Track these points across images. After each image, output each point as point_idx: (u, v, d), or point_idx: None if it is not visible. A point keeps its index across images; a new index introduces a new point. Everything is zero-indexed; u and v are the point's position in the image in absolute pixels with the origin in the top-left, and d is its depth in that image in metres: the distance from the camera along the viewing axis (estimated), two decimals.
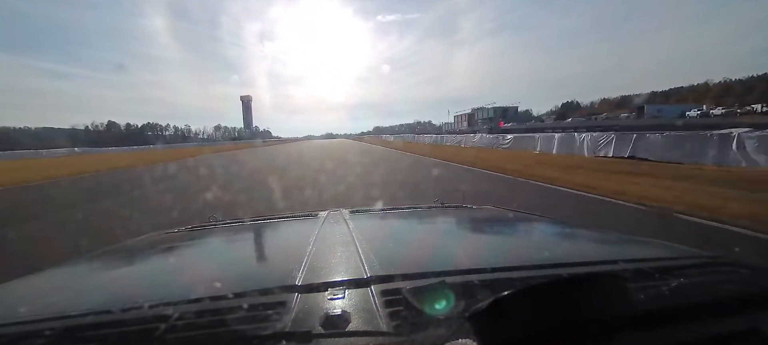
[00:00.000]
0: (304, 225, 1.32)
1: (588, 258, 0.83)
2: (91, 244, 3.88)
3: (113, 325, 0.53)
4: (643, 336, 0.42)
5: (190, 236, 1.27)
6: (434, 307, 0.48)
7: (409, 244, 1.11)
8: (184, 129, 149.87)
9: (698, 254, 0.77)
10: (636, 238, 1.01)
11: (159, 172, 14.06)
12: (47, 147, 53.72)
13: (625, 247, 0.98)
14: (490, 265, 0.69)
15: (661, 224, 4.26)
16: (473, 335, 0.40)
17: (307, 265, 0.71)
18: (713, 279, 0.65)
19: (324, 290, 0.59)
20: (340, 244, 0.89)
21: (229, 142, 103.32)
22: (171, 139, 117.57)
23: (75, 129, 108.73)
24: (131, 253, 1.15)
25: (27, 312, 0.66)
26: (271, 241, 1.26)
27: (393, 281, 0.60)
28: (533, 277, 0.65)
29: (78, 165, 19.60)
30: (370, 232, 1.16)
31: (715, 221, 4.08)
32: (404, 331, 0.45)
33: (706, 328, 0.44)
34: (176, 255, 1.07)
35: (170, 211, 6.15)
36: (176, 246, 1.16)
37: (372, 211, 1.58)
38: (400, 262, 0.77)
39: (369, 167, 13.13)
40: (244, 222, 1.46)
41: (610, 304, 0.42)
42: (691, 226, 4.07)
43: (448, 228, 1.32)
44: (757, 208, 4.33)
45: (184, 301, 0.58)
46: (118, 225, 5.15)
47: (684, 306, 0.47)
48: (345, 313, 0.51)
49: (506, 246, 1.07)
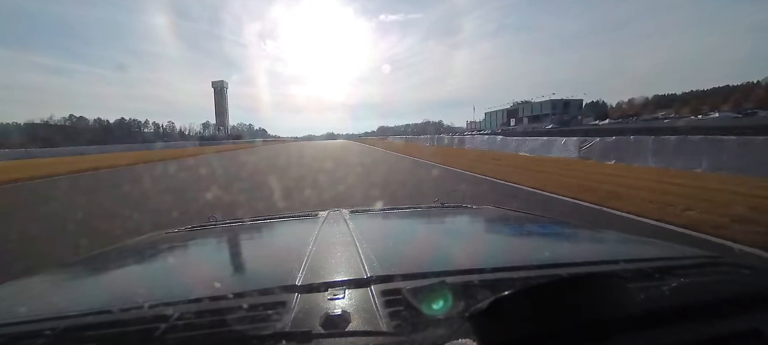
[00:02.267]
0: (304, 225, 1.32)
1: (588, 258, 0.83)
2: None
3: (113, 325, 0.53)
4: (643, 336, 0.42)
5: (190, 236, 1.27)
6: (434, 307, 0.48)
7: (409, 244, 1.11)
8: (167, 126, 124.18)
9: (698, 254, 0.77)
10: (636, 238, 1.01)
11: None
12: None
13: (625, 247, 0.98)
14: (490, 265, 0.69)
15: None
16: (473, 335, 0.40)
17: (307, 265, 0.71)
18: (713, 279, 0.65)
19: (324, 290, 0.59)
20: (340, 244, 0.89)
21: (200, 142, 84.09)
22: (149, 137, 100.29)
23: (32, 123, 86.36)
24: (131, 253, 1.15)
25: (27, 312, 0.66)
26: (271, 241, 1.26)
27: (393, 281, 0.60)
28: (533, 277, 0.64)
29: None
30: (370, 232, 1.16)
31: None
32: (404, 331, 0.45)
33: (706, 328, 0.44)
34: (176, 255, 1.07)
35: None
36: (176, 246, 1.16)
37: (372, 211, 1.58)
38: (400, 262, 0.77)
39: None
40: (244, 222, 1.46)
41: (610, 304, 0.42)
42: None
43: (448, 228, 1.32)
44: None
45: (184, 301, 0.58)
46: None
47: (684, 306, 0.47)
48: (345, 313, 0.51)
49: (506, 246, 1.07)
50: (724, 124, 24.53)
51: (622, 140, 11.87)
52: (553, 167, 10.80)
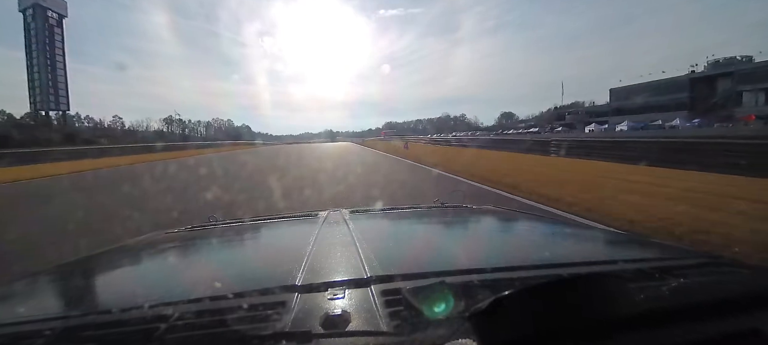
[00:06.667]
0: (304, 225, 1.32)
1: (588, 258, 0.83)
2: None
3: (113, 325, 0.54)
4: (643, 336, 0.42)
5: (190, 236, 1.28)
6: (434, 307, 0.48)
7: (409, 244, 1.12)
8: (135, 124, 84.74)
9: (698, 254, 0.77)
10: (636, 238, 1.02)
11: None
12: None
13: (625, 247, 0.98)
14: (490, 265, 0.69)
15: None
16: (473, 335, 0.40)
17: (307, 265, 0.71)
18: (713, 279, 0.65)
19: (324, 290, 0.59)
20: (340, 244, 0.89)
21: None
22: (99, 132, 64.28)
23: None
24: (131, 253, 1.15)
25: (27, 312, 0.66)
26: (271, 241, 1.26)
27: (393, 281, 0.60)
28: (533, 277, 0.65)
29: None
30: (370, 232, 1.16)
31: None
32: (404, 331, 0.45)
33: (706, 328, 0.44)
34: (176, 255, 1.07)
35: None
36: (176, 246, 1.16)
37: (372, 211, 1.58)
38: (400, 262, 0.77)
39: None
40: (244, 222, 1.46)
41: (610, 304, 0.42)
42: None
43: (448, 228, 1.32)
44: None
45: (184, 301, 0.58)
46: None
47: (684, 306, 0.47)
48: (345, 313, 0.51)
49: (506, 246, 1.07)
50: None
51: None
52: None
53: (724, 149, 9.29)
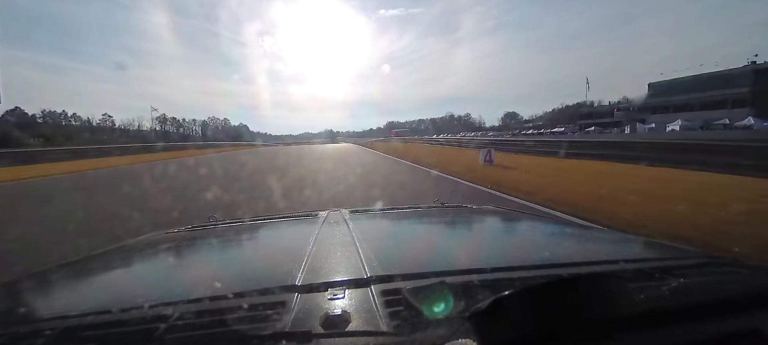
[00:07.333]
0: (304, 225, 1.32)
1: (588, 258, 0.83)
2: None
3: (113, 325, 0.53)
4: (643, 336, 0.42)
5: (190, 236, 1.28)
6: (434, 307, 0.48)
7: (409, 244, 1.12)
8: (125, 122, 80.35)
9: (698, 254, 0.77)
10: (636, 238, 1.02)
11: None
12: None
13: (625, 247, 0.98)
14: (490, 265, 0.69)
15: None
16: (473, 335, 0.40)
17: (307, 265, 0.71)
18: (713, 279, 0.65)
19: (324, 290, 0.59)
20: (340, 244, 0.89)
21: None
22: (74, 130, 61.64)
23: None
24: (131, 253, 1.15)
25: (27, 312, 0.66)
26: (271, 241, 1.26)
27: (393, 281, 0.60)
28: (533, 277, 0.65)
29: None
30: (370, 232, 1.16)
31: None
32: (404, 331, 0.45)
33: (706, 328, 0.44)
34: (176, 255, 1.07)
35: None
36: (176, 246, 1.16)
37: (372, 211, 1.58)
38: (400, 262, 0.77)
39: None
40: (244, 222, 1.46)
41: (610, 304, 0.42)
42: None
43: (448, 228, 1.32)
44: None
45: (184, 301, 0.58)
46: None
47: (684, 306, 0.47)
48: (345, 313, 0.51)
49: (506, 246, 1.07)
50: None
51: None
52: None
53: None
